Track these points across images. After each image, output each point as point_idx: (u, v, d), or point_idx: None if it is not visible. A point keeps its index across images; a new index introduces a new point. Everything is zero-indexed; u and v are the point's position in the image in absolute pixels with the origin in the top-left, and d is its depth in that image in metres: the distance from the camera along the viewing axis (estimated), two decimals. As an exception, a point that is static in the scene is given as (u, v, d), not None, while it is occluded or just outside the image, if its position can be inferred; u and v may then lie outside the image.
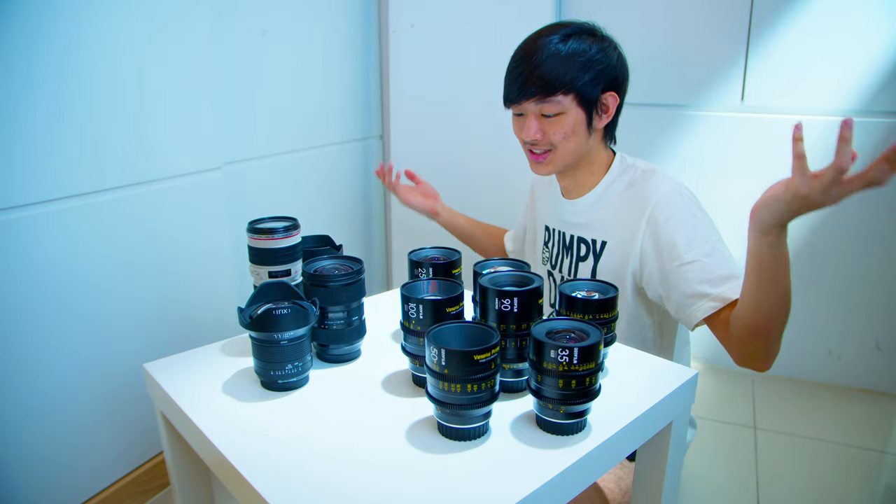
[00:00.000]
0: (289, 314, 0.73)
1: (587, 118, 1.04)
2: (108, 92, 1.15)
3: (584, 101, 1.03)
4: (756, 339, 0.86)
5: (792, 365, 1.94)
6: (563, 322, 0.68)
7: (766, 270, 0.80)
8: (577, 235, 1.14)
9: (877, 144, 1.67)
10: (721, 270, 0.95)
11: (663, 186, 1.03)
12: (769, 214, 0.76)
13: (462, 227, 1.44)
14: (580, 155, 1.08)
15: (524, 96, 1.03)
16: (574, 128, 1.04)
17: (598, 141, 1.10)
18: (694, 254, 0.96)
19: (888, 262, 1.76)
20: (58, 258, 1.11)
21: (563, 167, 1.09)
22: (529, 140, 1.06)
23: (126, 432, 1.29)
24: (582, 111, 1.03)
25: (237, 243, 1.47)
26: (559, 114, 1.03)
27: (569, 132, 1.04)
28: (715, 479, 1.51)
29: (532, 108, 1.04)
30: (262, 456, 0.63)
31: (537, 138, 1.05)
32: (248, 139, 1.53)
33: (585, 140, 1.07)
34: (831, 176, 0.69)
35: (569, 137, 1.04)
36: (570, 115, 1.03)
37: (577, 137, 1.05)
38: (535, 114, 1.04)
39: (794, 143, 0.70)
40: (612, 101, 1.06)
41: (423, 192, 1.44)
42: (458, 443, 0.65)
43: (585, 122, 1.04)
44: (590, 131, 1.06)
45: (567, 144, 1.05)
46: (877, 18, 1.62)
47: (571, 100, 1.02)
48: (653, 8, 1.82)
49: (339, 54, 1.85)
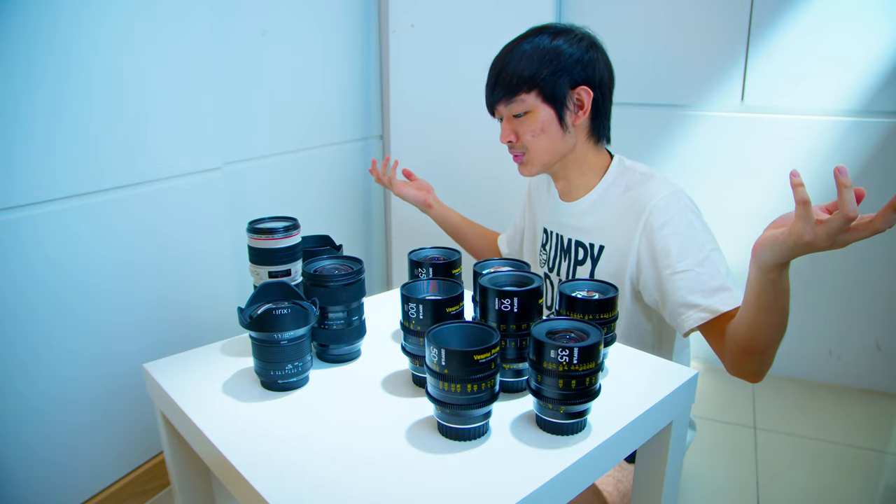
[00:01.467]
0: (289, 314, 0.73)
1: (557, 115, 1.04)
2: (108, 92, 1.15)
3: (550, 97, 1.03)
4: (751, 358, 0.86)
5: (792, 365, 1.94)
6: (563, 322, 0.67)
7: (766, 302, 0.79)
8: (575, 239, 1.14)
9: (877, 144, 1.67)
10: (713, 281, 0.94)
11: (660, 192, 1.02)
12: (771, 255, 0.73)
13: (455, 224, 1.44)
14: (558, 153, 1.08)
15: (494, 99, 1.06)
16: (543, 125, 1.04)
17: (582, 140, 1.09)
18: (686, 263, 0.96)
19: (888, 263, 1.76)
20: (58, 258, 1.11)
21: (542, 167, 1.09)
22: (504, 143, 1.08)
23: (126, 432, 1.29)
24: (549, 108, 1.03)
25: (237, 243, 1.47)
26: (527, 112, 1.04)
27: (537, 130, 1.04)
28: (715, 479, 1.51)
29: (503, 110, 1.06)
30: (262, 456, 0.63)
31: (511, 140, 1.07)
32: (248, 139, 1.53)
33: (560, 138, 1.06)
34: (838, 224, 0.66)
35: (538, 136, 1.05)
36: (538, 112, 1.03)
37: (548, 135, 1.05)
38: (507, 116, 1.06)
39: (794, 190, 0.67)
40: (587, 96, 1.04)
41: (418, 186, 1.45)
42: (458, 443, 0.65)
43: (556, 119, 1.04)
44: (563, 128, 1.05)
45: (538, 143, 1.05)
46: (877, 18, 1.62)
47: (535, 97, 1.03)
48: (653, 8, 1.82)
49: (339, 54, 1.85)
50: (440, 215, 1.44)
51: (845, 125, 1.70)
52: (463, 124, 1.95)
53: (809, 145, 1.75)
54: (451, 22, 1.88)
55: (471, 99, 1.91)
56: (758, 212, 1.82)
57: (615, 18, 1.86)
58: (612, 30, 1.10)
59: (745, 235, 1.99)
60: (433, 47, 1.92)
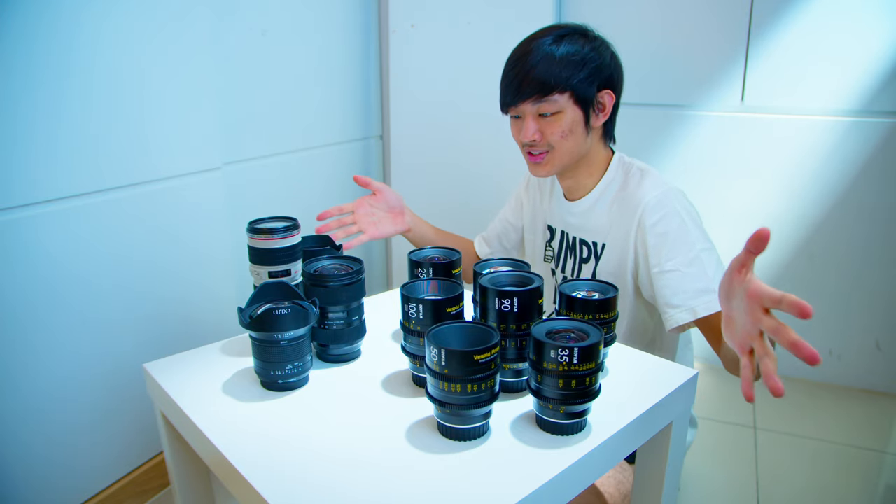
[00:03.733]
0: (289, 314, 0.73)
1: (584, 117, 1.05)
2: (108, 92, 1.15)
3: (580, 99, 1.03)
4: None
5: (792, 365, 1.92)
6: (563, 322, 0.68)
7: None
8: (580, 238, 1.15)
9: (877, 144, 1.67)
10: (698, 283, 0.95)
11: (654, 190, 1.03)
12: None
13: (430, 239, 1.34)
14: (578, 154, 1.08)
15: (521, 98, 1.04)
16: (571, 126, 1.04)
17: (596, 140, 1.10)
18: (674, 263, 0.97)
19: (888, 262, 1.76)
20: (58, 258, 1.11)
21: (561, 168, 1.09)
22: (528, 141, 1.06)
23: (126, 432, 1.29)
24: (579, 109, 1.04)
25: (237, 243, 1.47)
26: (556, 113, 1.03)
27: (566, 131, 1.04)
28: (715, 479, 1.51)
29: (529, 108, 1.05)
30: (262, 456, 0.63)
31: (535, 139, 1.06)
32: (248, 139, 1.53)
33: (584, 139, 1.07)
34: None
35: (566, 136, 1.05)
36: (567, 113, 1.03)
37: (575, 136, 1.05)
38: (532, 114, 1.05)
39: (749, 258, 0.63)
40: (609, 100, 1.07)
41: (389, 209, 1.28)
42: (458, 443, 0.65)
43: (583, 121, 1.05)
44: (587, 130, 1.06)
45: (565, 144, 1.06)
46: (877, 18, 1.62)
47: (568, 98, 1.03)
48: (653, 8, 1.82)
49: (339, 54, 1.85)
50: (418, 236, 1.32)
51: (845, 125, 1.70)
52: (463, 124, 1.95)
53: (809, 145, 1.75)
54: (451, 22, 1.88)
55: (471, 99, 1.92)
56: (758, 212, 1.83)
57: (615, 18, 1.86)
58: (611, 30, 1.10)
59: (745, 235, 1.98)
60: (433, 47, 1.92)
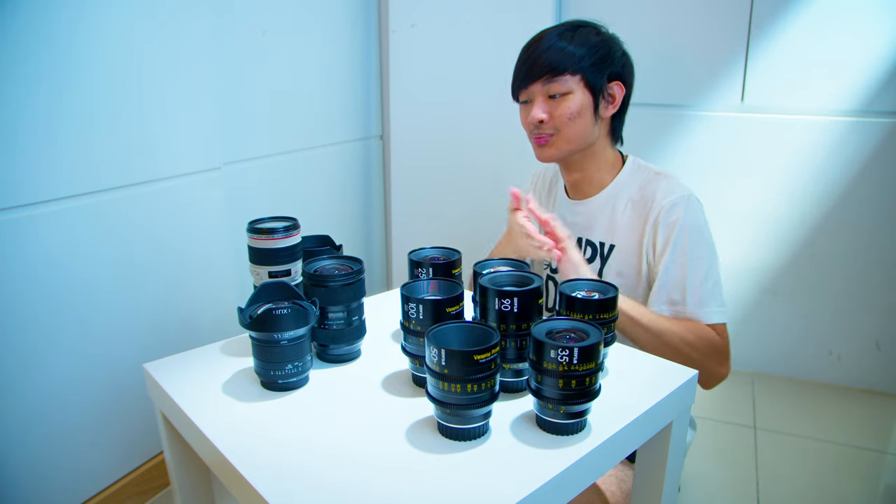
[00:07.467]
0: (289, 314, 0.73)
1: (594, 103, 1.06)
2: (108, 92, 1.15)
3: (590, 84, 1.05)
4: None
5: (792, 365, 1.94)
6: (563, 322, 0.67)
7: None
8: (586, 238, 1.14)
9: (877, 144, 1.67)
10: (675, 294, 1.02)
11: (672, 193, 1.05)
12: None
13: None
14: (585, 142, 1.09)
15: (532, 78, 1.06)
16: (580, 109, 1.06)
17: (604, 134, 1.11)
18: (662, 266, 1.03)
19: (888, 263, 1.76)
20: (58, 258, 1.11)
21: (567, 152, 1.10)
22: (536, 121, 1.07)
23: (126, 432, 1.29)
24: (589, 94, 1.06)
25: (237, 243, 1.47)
26: (566, 94, 1.05)
27: (574, 113, 1.05)
28: (715, 479, 1.51)
29: (539, 89, 1.06)
30: (262, 456, 0.63)
31: (543, 118, 1.06)
32: (248, 139, 1.53)
33: (592, 126, 1.08)
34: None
35: (574, 119, 1.06)
36: (577, 95, 1.05)
37: (583, 120, 1.06)
38: (542, 95, 1.07)
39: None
40: (619, 91, 1.08)
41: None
42: (458, 443, 0.65)
43: (592, 107, 1.07)
44: (596, 118, 1.08)
45: (572, 126, 1.06)
46: (877, 19, 1.62)
47: (578, 80, 1.05)
48: (653, 8, 1.82)
49: (339, 54, 1.85)
50: None
51: (845, 125, 1.70)
52: (463, 124, 1.95)
53: (809, 145, 1.75)
54: (451, 22, 1.88)
55: (471, 98, 1.92)
56: (758, 212, 1.83)
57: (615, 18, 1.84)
58: (612, 30, 1.11)
59: (745, 235, 2.00)
60: (433, 47, 1.92)
